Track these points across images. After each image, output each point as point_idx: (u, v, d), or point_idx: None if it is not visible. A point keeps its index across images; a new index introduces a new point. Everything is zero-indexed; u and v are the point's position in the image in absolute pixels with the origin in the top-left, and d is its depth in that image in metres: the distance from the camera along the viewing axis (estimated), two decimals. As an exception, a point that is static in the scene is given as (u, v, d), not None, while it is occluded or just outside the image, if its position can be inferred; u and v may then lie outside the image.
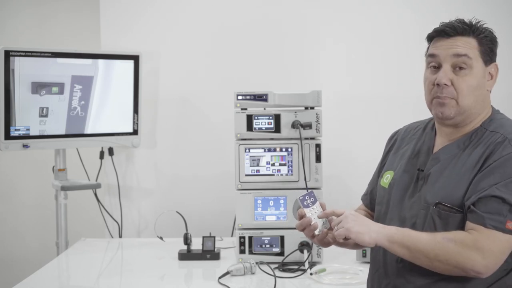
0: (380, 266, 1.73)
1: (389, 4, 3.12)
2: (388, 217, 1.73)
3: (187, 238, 2.63)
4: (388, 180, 1.78)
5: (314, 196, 1.68)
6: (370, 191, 1.95)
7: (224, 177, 3.05)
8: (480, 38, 1.64)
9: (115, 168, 3.18)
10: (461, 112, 1.63)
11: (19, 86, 2.74)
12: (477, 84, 1.63)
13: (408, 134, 1.85)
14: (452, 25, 1.64)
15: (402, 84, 3.09)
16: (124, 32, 3.16)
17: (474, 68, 1.62)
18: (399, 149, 1.84)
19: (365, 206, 1.97)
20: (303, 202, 1.67)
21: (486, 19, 1.69)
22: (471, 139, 1.65)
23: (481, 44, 1.64)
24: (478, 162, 1.59)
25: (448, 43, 1.63)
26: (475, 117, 1.66)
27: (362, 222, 1.60)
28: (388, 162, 1.85)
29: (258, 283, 2.31)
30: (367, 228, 1.58)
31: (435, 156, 1.68)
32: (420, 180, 1.69)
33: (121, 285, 2.42)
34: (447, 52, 1.62)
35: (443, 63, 1.63)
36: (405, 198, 1.71)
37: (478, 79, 1.63)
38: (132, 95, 3.03)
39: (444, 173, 1.63)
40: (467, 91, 1.62)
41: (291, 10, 3.13)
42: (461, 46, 1.62)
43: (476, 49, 1.63)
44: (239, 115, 2.54)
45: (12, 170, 3.71)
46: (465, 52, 1.61)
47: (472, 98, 1.63)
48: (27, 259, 3.60)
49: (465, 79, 1.62)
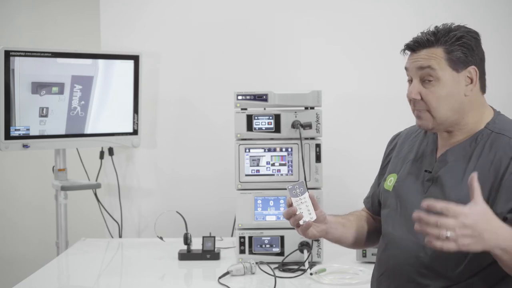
0: (387, 269, 1.71)
1: (390, 4, 3.12)
2: (397, 221, 1.71)
3: (187, 238, 2.63)
4: (392, 183, 1.77)
5: (304, 187, 1.68)
6: (371, 194, 1.94)
7: (224, 177, 3.05)
8: (448, 45, 1.61)
9: (115, 168, 3.18)
10: (438, 122, 1.63)
11: (19, 86, 2.74)
12: (447, 93, 1.61)
13: (409, 137, 1.84)
14: (416, 39, 1.65)
15: (402, 84, 3.06)
16: (124, 32, 3.16)
17: (442, 78, 1.61)
18: (400, 152, 1.83)
19: (367, 209, 1.96)
20: (292, 191, 1.68)
21: (486, 19, 1.70)
22: (477, 141, 1.63)
23: (449, 51, 1.61)
24: (496, 166, 1.56)
25: (413, 57, 1.65)
26: (465, 121, 1.64)
27: (478, 237, 1.37)
28: (390, 165, 1.84)
29: (258, 283, 2.31)
30: (483, 244, 1.38)
31: (442, 158, 1.67)
32: (427, 182, 1.68)
33: (121, 285, 2.42)
34: (413, 65, 1.64)
35: (413, 77, 1.65)
36: (413, 201, 1.68)
37: (448, 88, 1.61)
38: (132, 95, 3.03)
39: (455, 177, 1.61)
40: (437, 102, 1.62)
41: (291, 10, 3.13)
42: (424, 58, 1.62)
43: (442, 58, 1.61)
44: (239, 115, 2.54)
45: (12, 170, 3.71)
46: (428, 64, 1.61)
47: (445, 107, 1.62)
48: (27, 259, 3.60)
49: (432, 91, 1.61)
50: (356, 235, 1.85)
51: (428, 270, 1.59)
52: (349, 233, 1.83)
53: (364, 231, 1.88)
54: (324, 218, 1.72)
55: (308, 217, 1.67)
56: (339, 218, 1.83)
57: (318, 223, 1.69)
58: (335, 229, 1.77)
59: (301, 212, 1.66)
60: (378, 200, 1.89)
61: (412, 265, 1.62)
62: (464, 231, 1.35)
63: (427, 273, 1.59)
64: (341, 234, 1.80)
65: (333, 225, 1.76)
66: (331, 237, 1.78)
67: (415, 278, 1.62)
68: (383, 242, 1.77)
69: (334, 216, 1.81)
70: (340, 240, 1.82)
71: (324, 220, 1.72)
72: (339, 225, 1.80)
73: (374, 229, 1.90)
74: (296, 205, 1.67)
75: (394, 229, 1.72)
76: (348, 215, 1.90)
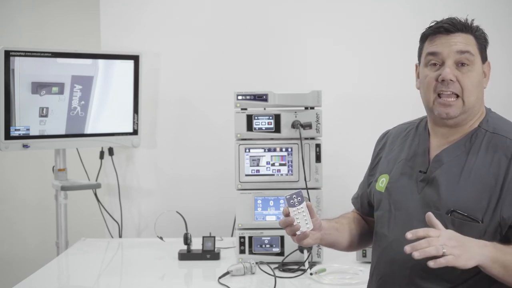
0: (386, 273, 1.69)
1: (390, 5, 3.12)
2: (392, 223, 1.70)
3: (187, 238, 2.63)
4: (384, 184, 1.75)
5: (302, 196, 1.65)
6: (360, 194, 1.92)
7: (224, 177, 3.05)
8: (477, 35, 1.64)
9: (115, 168, 3.18)
10: (465, 110, 1.62)
11: (19, 86, 2.74)
12: (479, 81, 1.63)
13: (398, 136, 1.82)
14: (451, 22, 1.63)
15: (402, 84, 3.08)
16: (124, 32, 3.16)
17: (476, 65, 1.62)
18: (391, 151, 1.81)
19: (356, 210, 1.95)
20: (289, 201, 1.64)
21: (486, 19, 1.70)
22: (472, 141, 1.63)
23: (478, 41, 1.64)
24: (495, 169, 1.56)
25: (449, 40, 1.62)
26: (474, 115, 1.65)
27: (464, 246, 1.45)
28: (381, 165, 1.82)
29: (258, 283, 2.31)
30: (472, 253, 1.45)
31: (437, 158, 1.65)
32: (421, 182, 1.66)
33: (121, 285, 2.42)
34: (450, 49, 1.61)
35: (447, 59, 1.61)
36: (407, 202, 1.67)
37: (479, 76, 1.63)
38: (132, 95, 3.03)
39: (451, 178, 1.61)
40: (472, 88, 1.61)
41: (291, 11, 3.13)
42: (463, 42, 1.61)
43: (475, 46, 1.63)
44: (239, 115, 2.54)
45: (12, 170, 3.71)
46: (467, 49, 1.61)
47: (475, 95, 1.62)
48: (27, 259, 3.60)
49: (468, 75, 1.61)
50: (349, 238, 1.85)
51: (428, 273, 1.57)
52: (342, 237, 1.83)
53: (356, 233, 1.87)
54: (320, 226, 1.71)
55: (305, 227, 1.64)
56: (332, 223, 1.82)
57: (314, 231, 1.68)
58: (329, 234, 1.76)
59: (298, 222, 1.63)
60: (368, 201, 1.87)
61: (412, 269, 1.61)
62: (451, 242, 1.43)
63: (427, 276, 1.59)
64: (335, 238, 1.80)
65: (327, 230, 1.76)
66: (325, 242, 1.77)
67: (415, 282, 1.61)
68: (379, 245, 1.75)
69: (327, 221, 1.80)
70: (333, 244, 1.81)
71: (319, 228, 1.71)
72: (333, 229, 1.79)
73: (365, 231, 1.90)
74: (293, 215, 1.63)
75: (389, 231, 1.70)
76: (340, 218, 1.89)
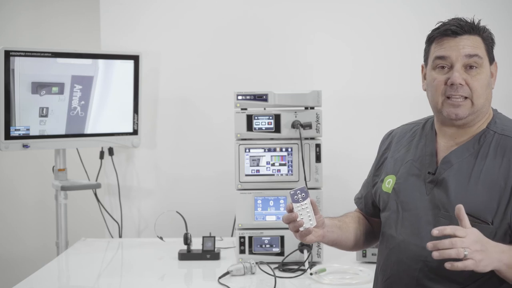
0: (394, 274, 1.68)
1: (390, 4, 3.12)
2: (400, 224, 1.69)
3: (187, 238, 2.63)
4: (391, 185, 1.74)
5: (306, 192, 1.65)
6: (364, 195, 1.91)
7: (224, 177, 3.05)
8: (484, 37, 1.63)
9: (115, 168, 3.18)
10: (474, 111, 1.61)
11: (19, 86, 2.74)
12: (487, 83, 1.63)
13: (404, 136, 1.81)
14: (458, 24, 1.62)
15: (402, 84, 3.09)
16: (124, 32, 3.16)
17: (484, 67, 1.62)
18: (396, 152, 1.79)
19: (359, 210, 1.94)
20: (293, 197, 1.64)
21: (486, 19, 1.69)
22: (480, 142, 1.62)
23: (486, 43, 1.63)
24: (505, 170, 1.56)
25: (457, 43, 1.61)
26: (482, 116, 1.65)
27: (487, 251, 1.43)
28: (386, 166, 1.80)
29: (258, 283, 2.31)
30: (492, 259, 1.44)
31: (446, 160, 1.64)
32: (429, 183, 1.65)
33: (121, 285, 2.42)
34: (459, 52, 1.60)
35: (455, 63, 1.60)
36: (416, 203, 1.67)
37: (487, 78, 1.63)
38: (132, 95, 3.03)
39: (461, 180, 1.60)
40: (481, 90, 1.61)
41: (291, 10, 3.13)
42: (471, 46, 1.60)
43: (483, 48, 1.62)
44: (239, 115, 2.54)
45: (12, 170, 3.71)
46: (475, 52, 1.60)
47: (484, 97, 1.62)
48: (27, 259, 3.61)
49: (477, 78, 1.60)
50: (354, 238, 1.84)
51: (436, 275, 1.57)
52: (346, 235, 1.81)
53: (360, 233, 1.86)
54: (323, 223, 1.71)
55: (308, 223, 1.64)
56: (335, 221, 1.81)
57: (317, 228, 1.68)
58: (331, 232, 1.75)
59: (302, 218, 1.63)
60: (372, 201, 1.86)
61: (420, 270, 1.60)
62: (476, 246, 1.40)
63: (435, 278, 1.58)
64: (337, 236, 1.78)
65: (330, 228, 1.75)
66: (327, 240, 1.76)
67: (423, 283, 1.61)
68: (386, 246, 1.74)
69: (330, 219, 1.79)
70: (336, 243, 1.80)
71: (322, 225, 1.70)
72: (336, 228, 1.78)
73: (369, 231, 1.89)
74: (297, 211, 1.64)
75: (397, 232, 1.69)
76: (343, 217, 1.88)
